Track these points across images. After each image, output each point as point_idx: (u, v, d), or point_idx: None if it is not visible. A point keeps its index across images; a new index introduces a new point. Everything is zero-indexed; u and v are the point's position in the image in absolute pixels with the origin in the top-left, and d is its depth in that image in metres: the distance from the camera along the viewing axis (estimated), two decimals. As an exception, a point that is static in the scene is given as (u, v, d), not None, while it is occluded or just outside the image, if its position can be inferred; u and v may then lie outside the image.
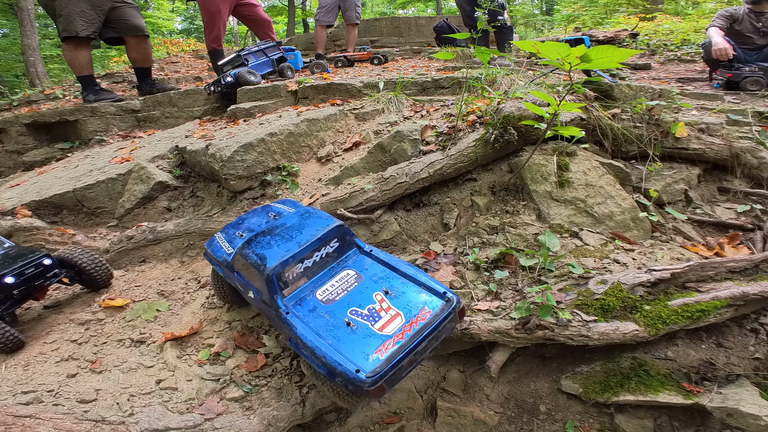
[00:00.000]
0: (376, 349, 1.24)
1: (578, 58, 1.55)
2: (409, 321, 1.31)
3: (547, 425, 1.67)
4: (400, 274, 1.47)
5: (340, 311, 1.37)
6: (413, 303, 1.36)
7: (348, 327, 1.31)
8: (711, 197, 2.47)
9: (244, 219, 1.88)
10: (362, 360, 1.21)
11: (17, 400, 1.45)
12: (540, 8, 22.82)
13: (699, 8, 11.00)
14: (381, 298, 1.39)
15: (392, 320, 1.31)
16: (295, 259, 1.43)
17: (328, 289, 1.46)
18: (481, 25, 2.59)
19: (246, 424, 1.45)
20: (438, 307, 1.34)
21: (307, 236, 1.49)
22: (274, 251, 1.44)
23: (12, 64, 14.48)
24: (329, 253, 1.52)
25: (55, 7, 3.69)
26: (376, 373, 1.18)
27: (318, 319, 1.35)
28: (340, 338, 1.28)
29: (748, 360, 1.69)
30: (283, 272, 1.40)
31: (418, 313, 1.32)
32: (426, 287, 1.40)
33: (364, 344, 1.26)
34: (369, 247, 1.60)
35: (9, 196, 2.76)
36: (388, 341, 1.26)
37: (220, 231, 1.87)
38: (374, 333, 1.28)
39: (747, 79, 3.60)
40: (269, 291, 1.39)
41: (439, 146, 2.48)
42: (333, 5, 5.57)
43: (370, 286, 1.44)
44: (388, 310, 1.35)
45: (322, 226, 1.53)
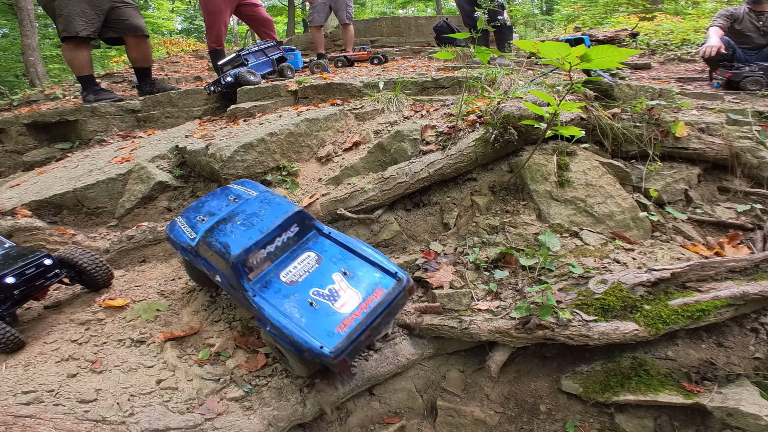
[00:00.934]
0: (337, 326, 1.36)
1: (578, 58, 1.55)
2: (365, 300, 1.43)
3: (547, 425, 1.67)
4: (356, 255, 1.58)
5: (303, 292, 1.47)
6: (368, 283, 1.48)
7: (311, 307, 1.42)
8: (711, 197, 2.47)
9: (204, 202, 1.92)
10: (325, 337, 1.33)
11: (18, 400, 1.45)
12: (540, 8, 22.81)
13: (699, 8, 11.00)
14: (340, 279, 1.50)
15: (351, 299, 1.43)
16: (258, 246, 1.50)
17: (291, 271, 1.54)
18: (481, 25, 2.59)
19: (246, 424, 1.45)
20: (390, 286, 1.46)
21: (268, 223, 1.55)
22: (237, 239, 1.50)
23: (12, 64, 14.48)
24: (290, 237, 1.60)
25: (55, 7, 3.69)
26: (339, 349, 1.31)
27: (283, 300, 1.45)
28: (305, 317, 1.39)
29: (749, 360, 1.69)
30: (247, 259, 1.48)
31: (373, 292, 1.45)
32: (380, 267, 1.52)
33: (326, 322, 1.37)
34: (328, 229, 1.68)
35: (9, 196, 2.76)
36: (347, 319, 1.38)
37: (180, 215, 1.91)
38: (335, 312, 1.40)
39: (747, 78, 3.60)
40: (236, 277, 1.47)
41: (439, 146, 2.48)
42: (323, 5, 5.58)
43: (329, 267, 1.54)
44: (347, 290, 1.46)
45: (282, 213, 1.60)
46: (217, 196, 1.91)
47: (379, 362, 1.73)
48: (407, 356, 1.77)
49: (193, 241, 1.70)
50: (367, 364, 1.72)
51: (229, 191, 1.92)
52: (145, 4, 19.44)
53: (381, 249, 2.31)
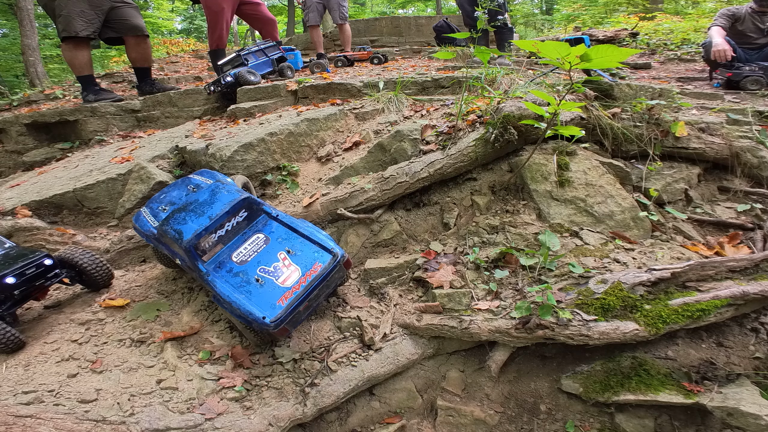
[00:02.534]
0: (279, 298, 1.54)
1: (578, 58, 1.55)
2: (305, 274, 1.62)
3: (547, 425, 1.67)
4: (300, 235, 1.75)
5: (251, 270, 1.64)
6: (308, 259, 1.66)
7: (257, 283, 1.60)
8: (711, 196, 2.47)
9: (166, 192, 2.07)
10: (268, 309, 1.52)
11: (18, 400, 1.45)
12: (540, 8, 22.80)
13: (699, 8, 10.99)
14: (284, 257, 1.68)
15: (292, 274, 1.62)
16: (208, 231, 1.65)
17: (242, 251, 1.71)
18: (481, 25, 2.58)
19: (246, 424, 1.45)
20: (327, 261, 1.65)
21: (216, 210, 1.70)
22: (188, 226, 1.65)
23: (12, 64, 14.48)
24: (239, 222, 1.75)
25: (55, 7, 3.69)
26: (278, 318, 1.51)
27: (234, 278, 1.62)
28: (252, 293, 1.57)
29: (749, 359, 1.69)
30: (199, 243, 1.63)
31: (312, 267, 1.63)
32: (319, 245, 1.70)
33: (270, 296, 1.55)
34: (276, 212, 1.83)
35: (9, 196, 2.76)
36: (287, 292, 1.56)
37: (145, 206, 2.05)
38: (278, 286, 1.58)
39: (747, 78, 3.59)
40: (190, 259, 1.63)
41: (439, 146, 2.47)
42: (316, 5, 5.57)
43: (276, 247, 1.72)
44: (289, 267, 1.64)
45: (228, 200, 1.73)
46: (178, 187, 2.07)
47: (379, 362, 1.73)
48: (407, 356, 1.76)
49: (155, 229, 1.86)
50: (367, 364, 1.72)
51: (189, 181, 2.08)
52: (145, 4, 19.44)
53: (381, 249, 2.31)
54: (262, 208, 1.82)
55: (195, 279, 1.92)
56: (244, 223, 1.76)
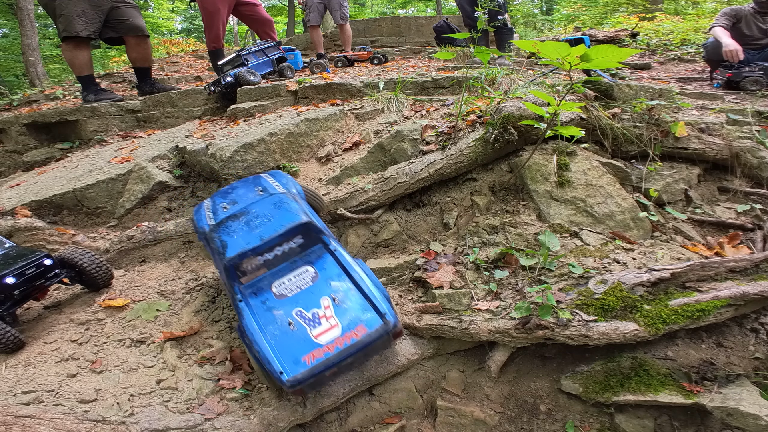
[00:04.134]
0: (306, 354, 1.30)
1: (578, 58, 1.55)
2: (344, 335, 1.34)
3: (547, 425, 1.67)
4: (353, 283, 1.48)
5: (287, 309, 1.43)
6: (353, 317, 1.39)
7: (288, 327, 1.38)
8: (711, 197, 2.47)
9: (234, 188, 1.90)
10: (289, 363, 1.29)
11: (17, 400, 1.45)
12: (540, 8, 22.81)
13: (699, 8, 11.00)
14: (327, 305, 1.43)
15: (329, 330, 1.36)
16: (255, 253, 1.47)
17: (285, 282, 1.50)
18: (481, 25, 2.59)
19: (246, 424, 1.45)
20: (374, 327, 1.35)
21: (271, 230, 1.51)
22: (236, 241, 1.49)
23: (12, 64, 14.48)
24: (292, 247, 1.54)
25: (55, 7, 3.69)
26: (297, 380, 1.27)
27: (265, 313, 1.42)
28: (278, 337, 1.36)
29: (749, 360, 1.69)
30: (241, 263, 1.47)
31: (354, 329, 1.35)
32: (371, 303, 1.42)
33: (297, 347, 1.32)
34: (334, 246, 1.59)
35: (9, 196, 2.76)
36: (318, 350, 1.31)
37: (210, 198, 1.89)
38: (309, 338, 1.34)
39: (747, 78, 3.59)
40: (228, 277, 1.47)
41: (439, 146, 2.48)
42: (317, 5, 5.58)
43: (322, 289, 1.48)
44: (329, 319, 1.39)
45: (287, 221, 1.54)
46: (248, 185, 1.89)
47: (379, 362, 1.73)
48: (407, 356, 1.76)
49: (208, 227, 1.67)
50: (367, 363, 1.72)
51: (259, 181, 1.89)
52: (145, 4, 19.44)
53: (381, 249, 2.31)
54: (322, 237, 1.59)
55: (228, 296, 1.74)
56: (296, 250, 1.54)
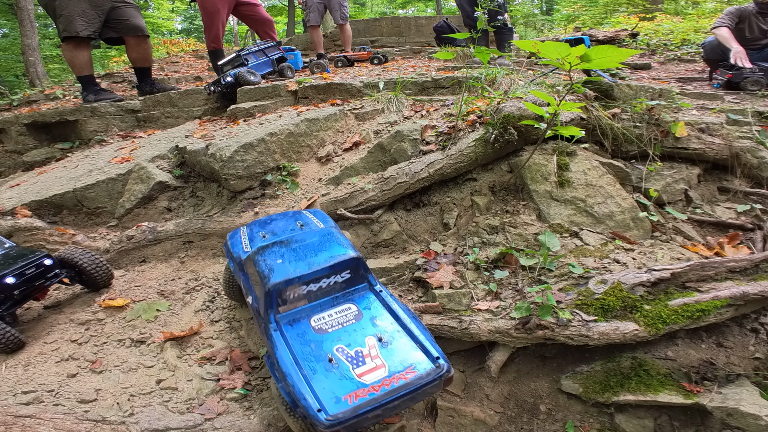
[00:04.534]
0: (348, 393, 1.19)
1: (578, 58, 1.55)
2: (391, 376, 1.25)
3: (547, 425, 1.67)
4: (400, 325, 1.40)
5: (327, 344, 1.33)
6: (402, 359, 1.30)
7: (329, 363, 1.28)
8: (711, 197, 2.47)
9: (273, 220, 1.86)
10: (329, 401, 1.17)
11: (17, 400, 1.45)
12: (540, 8, 22.81)
13: (699, 8, 11.00)
14: (372, 344, 1.34)
15: (375, 370, 1.27)
16: (301, 281, 1.40)
17: (325, 318, 1.42)
18: (481, 25, 2.59)
19: (246, 424, 1.45)
20: (425, 371, 1.26)
21: (320, 261, 1.45)
22: (283, 267, 1.42)
23: (12, 64, 14.48)
24: (338, 282, 1.47)
25: (56, 7, 3.69)
26: (337, 419, 1.14)
27: (302, 346, 1.32)
28: (317, 371, 1.25)
29: (748, 360, 1.69)
30: (285, 290, 1.38)
31: (403, 371, 1.26)
32: (421, 346, 1.33)
33: (337, 385, 1.22)
34: (380, 287, 1.53)
35: (9, 196, 2.76)
36: (362, 390, 1.21)
37: (247, 225, 1.85)
38: (352, 377, 1.24)
39: (747, 79, 3.59)
40: (266, 304, 1.38)
41: (439, 146, 2.48)
42: (317, 5, 5.58)
43: (366, 328, 1.39)
44: (375, 359, 1.30)
45: (338, 254, 1.48)
46: (287, 218, 1.86)
47: (379, 362, 1.73)
48: (407, 356, 1.76)
49: (245, 254, 1.63)
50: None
51: (299, 216, 1.87)
52: (145, 4, 19.44)
53: (381, 249, 2.31)
54: (368, 276, 1.53)
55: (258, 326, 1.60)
56: (340, 286, 1.48)
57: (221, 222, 2.45)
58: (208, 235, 2.43)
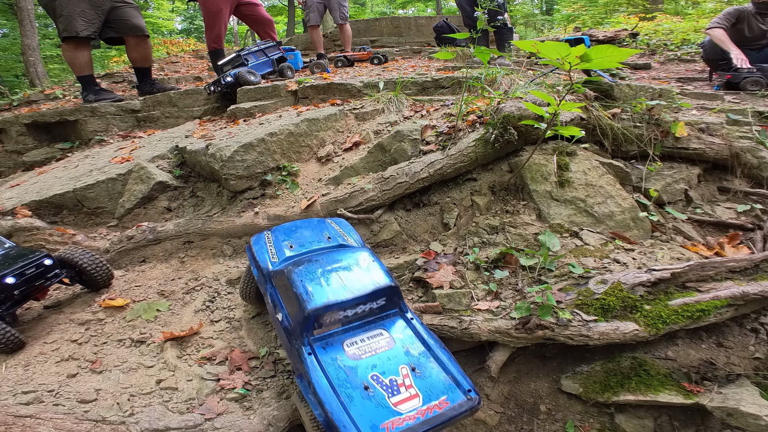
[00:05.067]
0: (384, 422, 1.21)
1: (578, 58, 1.55)
2: (426, 406, 1.27)
3: (547, 425, 1.67)
4: (432, 355, 1.42)
5: (362, 372, 1.34)
6: (435, 389, 1.32)
7: (365, 391, 1.29)
8: (711, 197, 2.47)
9: (298, 228, 1.84)
10: (367, 428, 1.19)
11: (18, 400, 1.45)
12: (540, 8, 22.81)
13: (699, 8, 11.00)
14: (406, 373, 1.35)
15: (410, 399, 1.29)
16: (340, 308, 1.40)
17: (358, 343, 1.42)
18: (481, 25, 2.59)
19: (246, 424, 1.45)
20: (457, 402, 1.29)
21: (360, 287, 1.45)
22: (322, 291, 1.41)
23: (12, 64, 14.48)
24: (372, 308, 1.48)
25: (55, 7, 3.69)
26: None
27: (337, 372, 1.32)
28: (353, 399, 1.26)
29: (749, 360, 1.69)
30: (323, 315, 1.38)
31: (437, 401, 1.29)
32: (453, 378, 1.36)
33: (374, 413, 1.24)
34: (411, 315, 1.54)
35: (9, 196, 2.76)
36: (398, 418, 1.23)
37: (271, 231, 1.83)
38: (388, 406, 1.26)
39: (747, 79, 3.60)
40: (301, 327, 1.37)
41: (439, 146, 2.48)
42: (317, 5, 5.58)
43: (398, 357, 1.40)
44: (409, 388, 1.32)
45: (377, 281, 1.48)
46: (313, 227, 1.84)
47: (379, 362, 1.72)
48: (407, 356, 1.76)
49: (273, 265, 1.61)
50: None
51: (325, 227, 1.85)
52: (145, 4, 19.45)
53: (381, 249, 2.31)
54: (400, 303, 1.54)
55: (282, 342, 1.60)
56: (374, 312, 1.48)
57: (221, 222, 2.45)
58: (208, 235, 2.43)
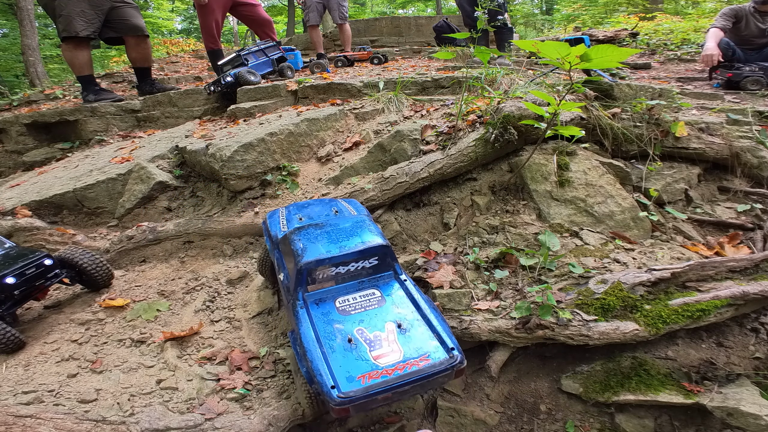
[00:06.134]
0: (362, 374, 1.25)
1: (578, 58, 1.55)
2: (405, 361, 1.30)
3: (547, 425, 1.67)
4: (420, 315, 1.45)
5: (348, 325, 1.39)
6: (417, 346, 1.34)
7: (348, 343, 1.33)
8: (711, 197, 2.47)
9: (309, 205, 1.92)
10: (343, 379, 1.23)
11: (18, 400, 1.45)
12: (540, 8, 22.80)
13: (699, 8, 11.00)
14: (391, 329, 1.39)
15: (390, 354, 1.32)
16: (331, 262, 1.46)
17: (350, 300, 1.48)
18: (481, 25, 2.58)
19: (246, 424, 1.45)
20: (438, 360, 1.30)
21: (351, 245, 1.50)
22: (316, 247, 1.48)
23: (12, 64, 14.48)
24: (365, 267, 1.53)
25: (55, 7, 3.69)
26: (348, 397, 1.19)
27: (325, 325, 1.38)
28: (335, 350, 1.31)
29: (749, 359, 1.69)
30: (315, 270, 1.44)
31: (417, 358, 1.31)
32: (438, 336, 1.38)
33: (353, 365, 1.27)
34: (404, 276, 1.58)
35: (9, 196, 2.76)
36: (376, 372, 1.26)
37: (286, 207, 1.91)
38: (368, 359, 1.30)
39: (747, 78, 3.59)
40: (296, 281, 1.45)
41: (439, 146, 2.48)
42: (316, 4, 5.57)
43: (387, 314, 1.44)
44: (392, 344, 1.35)
45: (367, 240, 1.53)
46: (323, 204, 1.92)
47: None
48: (407, 356, 1.76)
49: (282, 233, 1.69)
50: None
51: (335, 203, 1.92)
52: (145, 4, 19.44)
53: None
54: (394, 264, 1.60)
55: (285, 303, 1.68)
56: (368, 271, 1.54)
57: (221, 222, 2.45)
58: (208, 235, 2.43)
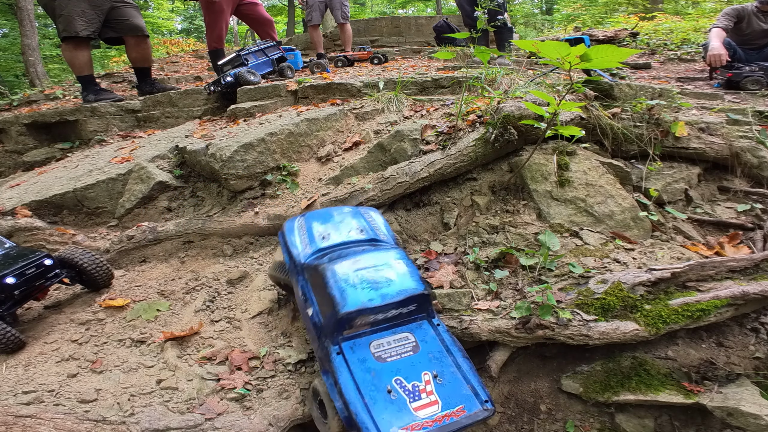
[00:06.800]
0: (404, 426, 1.25)
1: (578, 58, 1.55)
2: (444, 413, 1.31)
3: (547, 425, 1.67)
4: (454, 364, 1.44)
5: (386, 375, 1.37)
6: (454, 397, 1.36)
7: (388, 394, 1.32)
8: (711, 196, 2.47)
9: (331, 216, 1.80)
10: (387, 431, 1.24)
11: (18, 400, 1.45)
12: (540, 8, 22.81)
13: (699, 8, 11.00)
14: (428, 380, 1.38)
15: (429, 405, 1.33)
16: (373, 312, 1.41)
17: (384, 345, 1.43)
18: (481, 25, 2.58)
19: (246, 424, 1.45)
20: (473, 411, 1.33)
21: (394, 293, 1.45)
22: (357, 293, 1.41)
23: (12, 64, 14.48)
24: (403, 313, 1.49)
25: (55, 7, 3.69)
26: None
27: (363, 374, 1.35)
28: (377, 402, 1.29)
29: (749, 359, 1.69)
30: (356, 318, 1.39)
31: (455, 409, 1.33)
32: (471, 387, 1.39)
33: (395, 417, 1.27)
34: (437, 320, 1.55)
35: (9, 196, 2.76)
36: (417, 424, 1.27)
37: (304, 217, 1.80)
38: (409, 411, 1.30)
39: (747, 78, 3.59)
40: (333, 328, 1.39)
41: (439, 146, 2.48)
42: (318, 4, 5.58)
43: (422, 362, 1.43)
44: (430, 394, 1.35)
45: (410, 288, 1.48)
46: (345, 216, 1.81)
47: (380, 362, 1.72)
48: (407, 356, 1.76)
49: (305, 257, 1.61)
50: None
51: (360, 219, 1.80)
52: (145, 4, 19.45)
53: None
54: (429, 309, 1.55)
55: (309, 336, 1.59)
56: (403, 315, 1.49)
57: (221, 222, 2.45)
58: (209, 235, 2.43)
